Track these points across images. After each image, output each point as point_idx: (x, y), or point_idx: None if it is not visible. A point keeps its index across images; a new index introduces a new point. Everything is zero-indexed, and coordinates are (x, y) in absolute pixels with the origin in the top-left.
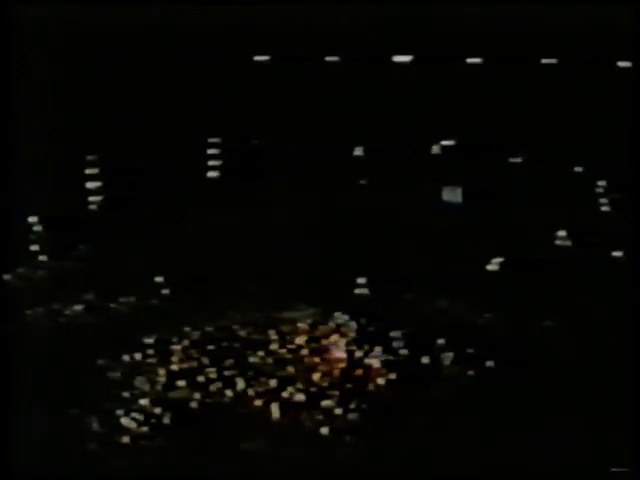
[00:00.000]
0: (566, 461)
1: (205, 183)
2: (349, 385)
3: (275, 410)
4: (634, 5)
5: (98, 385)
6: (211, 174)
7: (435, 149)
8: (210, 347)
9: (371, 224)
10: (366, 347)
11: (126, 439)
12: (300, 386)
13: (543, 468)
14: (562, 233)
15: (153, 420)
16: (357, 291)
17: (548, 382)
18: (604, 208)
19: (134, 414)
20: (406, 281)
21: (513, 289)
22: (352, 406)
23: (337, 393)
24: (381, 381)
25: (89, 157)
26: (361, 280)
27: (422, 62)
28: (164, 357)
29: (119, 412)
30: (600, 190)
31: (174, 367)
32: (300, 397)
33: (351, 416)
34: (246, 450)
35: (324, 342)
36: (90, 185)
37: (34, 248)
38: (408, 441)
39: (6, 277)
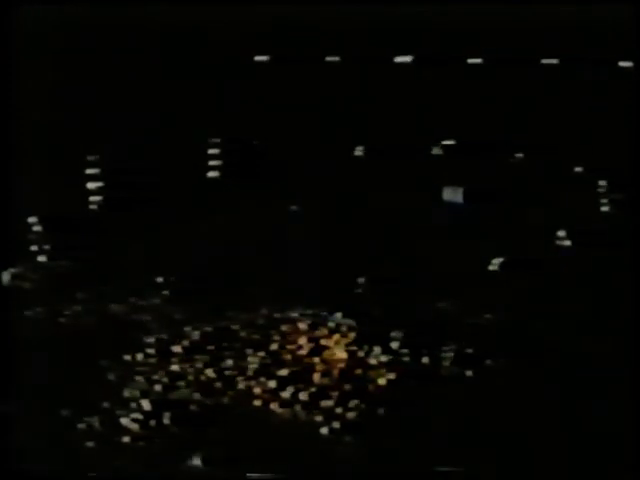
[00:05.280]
0: (565, 460)
1: (205, 183)
2: (349, 385)
3: (275, 410)
4: (634, 5)
5: (98, 385)
6: (211, 174)
7: (435, 149)
8: (210, 347)
9: (371, 224)
10: (366, 347)
11: (126, 439)
12: (300, 386)
13: (542, 467)
14: (562, 233)
15: (153, 420)
16: (357, 291)
17: (548, 382)
18: (604, 208)
19: (134, 414)
20: (406, 281)
21: (513, 289)
22: (352, 406)
23: (337, 393)
24: (381, 381)
25: (89, 157)
26: (361, 280)
27: (422, 62)
28: (164, 357)
29: (119, 412)
30: (600, 190)
31: (174, 367)
32: (300, 397)
33: (351, 415)
34: (246, 450)
35: (324, 342)
36: (90, 185)
37: (34, 248)
38: (408, 441)
39: (5, 277)
